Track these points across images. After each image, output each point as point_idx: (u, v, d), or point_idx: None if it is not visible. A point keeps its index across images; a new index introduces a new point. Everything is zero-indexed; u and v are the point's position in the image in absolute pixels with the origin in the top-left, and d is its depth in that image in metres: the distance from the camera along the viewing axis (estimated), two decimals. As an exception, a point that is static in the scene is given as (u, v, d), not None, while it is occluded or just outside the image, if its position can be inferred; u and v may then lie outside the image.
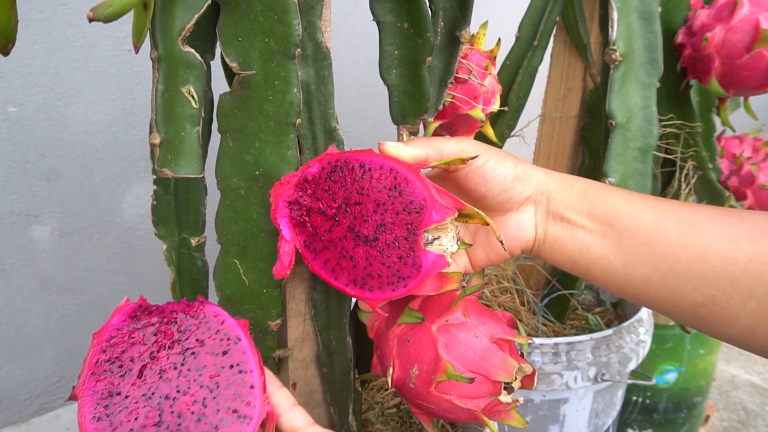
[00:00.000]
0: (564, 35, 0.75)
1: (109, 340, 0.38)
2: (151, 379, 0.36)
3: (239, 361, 0.37)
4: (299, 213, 0.42)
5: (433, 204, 0.37)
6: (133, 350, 0.37)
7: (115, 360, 0.37)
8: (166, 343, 0.37)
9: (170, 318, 0.38)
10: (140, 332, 0.38)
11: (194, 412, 0.35)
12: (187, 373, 0.36)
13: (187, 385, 0.36)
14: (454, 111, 0.54)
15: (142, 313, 0.39)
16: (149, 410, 0.35)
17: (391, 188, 0.39)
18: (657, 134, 0.59)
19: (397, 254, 0.38)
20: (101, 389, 0.36)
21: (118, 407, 0.35)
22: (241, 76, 0.42)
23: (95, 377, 0.36)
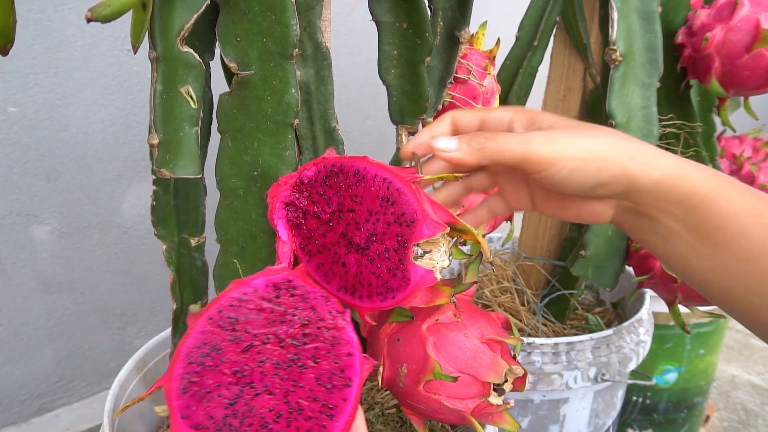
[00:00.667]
0: (564, 35, 0.74)
1: (242, 296, 0.35)
2: (251, 362, 0.34)
3: (335, 405, 0.33)
4: (295, 215, 0.42)
5: (424, 218, 0.37)
6: (254, 322, 0.35)
7: (235, 320, 0.35)
8: (284, 339, 0.34)
9: (303, 315, 0.35)
10: (270, 309, 0.35)
11: (264, 417, 0.33)
12: (284, 378, 0.34)
13: (276, 389, 0.34)
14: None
15: (286, 289, 0.36)
16: (230, 387, 0.33)
17: (384, 198, 0.38)
18: (657, 134, 0.59)
19: (387, 265, 0.38)
20: (209, 337, 0.34)
21: (212, 363, 0.34)
22: (240, 77, 0.42)
23: (211, 322, 0.34)
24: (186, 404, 0.34)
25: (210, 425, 0.33)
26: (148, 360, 0.61)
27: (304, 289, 0.35)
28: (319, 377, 0.33)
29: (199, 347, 0.34)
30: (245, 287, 0.35)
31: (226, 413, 0.33)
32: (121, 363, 0.60)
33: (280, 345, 0.34)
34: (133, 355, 0.60)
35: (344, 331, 0.34)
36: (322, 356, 0.34)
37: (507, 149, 0.37)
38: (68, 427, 0.92)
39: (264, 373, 0.34)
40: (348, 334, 0.34)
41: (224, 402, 0.33)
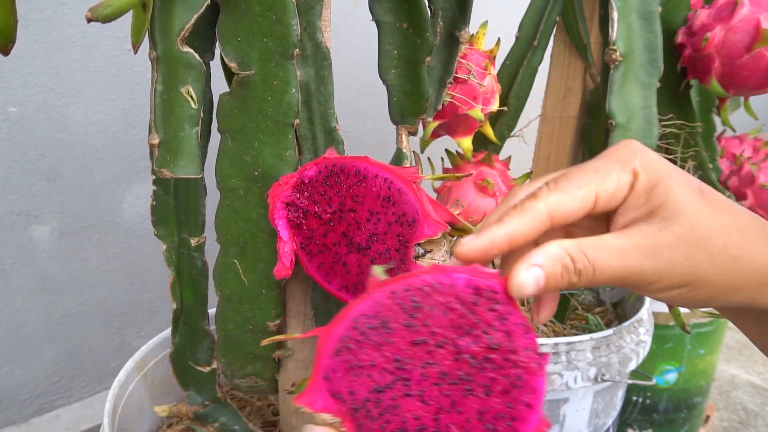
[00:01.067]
0: (564, 35, 0.74)
1: (436, 284, 0.30)
2: (416, 358, 0.30)
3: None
4: (296, 215, 0.42)
5: (425, 218, 0.37)
6: (437, 318, 0.30)
7: (418, 307, 0.30)
8: (462, 352, 0.30)
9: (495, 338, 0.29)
10: (461, 312, 0.30)
11: (406, 422, 0.30)
12: (444, 393, 0.30)
13: (431, 400, 0.30)
14: (453, 111, 0.54)
15: (487, 299, 0.30)
16: (384, 373, 0.30)
17: (385, 198, 0.38)
18: (657, 134, 0.59)
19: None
20: (384, 311, 0.30)
21: (376, 339, 0.30)
22: (240, 77, 0.42)
23: (392, 296, 0.30)
24: (333, 367, 0.31)
25: (347, 400, 0.30)
26: (148, 360, 0.61)
27: (506, 308, 0.30)
28: (483, 413, 0.29)
29: (370, 317, 0.30)
30: (443, 277, 0.30)
31: (368, 397, 0.30)
32: (121, 363, 0.60)
33: (455, 356, 0.30)
34: (133, 355, 0.60)
35: (535, 376, 0.29)
36: (496, 392, 0.29)
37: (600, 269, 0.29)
38: (68, 427, 0.92)
39: (425, 376, 0.30)
40: (538, 382, 0.29)
41: (371, 385, 0.30)
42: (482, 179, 0.58)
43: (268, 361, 0.53)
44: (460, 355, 0.29)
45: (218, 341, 0.52)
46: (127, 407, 0.57)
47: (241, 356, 0.52)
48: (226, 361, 0.53)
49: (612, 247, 0.29)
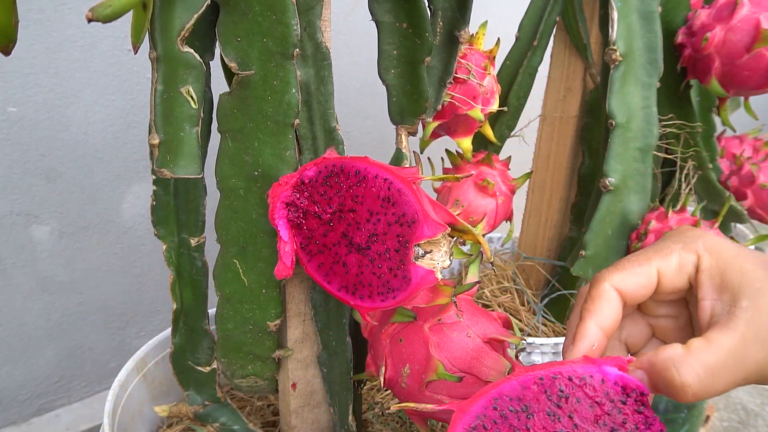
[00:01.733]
0: (564, 35, 0.74)
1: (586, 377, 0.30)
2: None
3: None
4: (296, 215, 0.42)
5: (425, 218, 0.37)
6: (581, 412, 0.30)
7: (564, 398, 0.30)
8: None
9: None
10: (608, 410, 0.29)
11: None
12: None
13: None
14: (452, 111, 0.54)
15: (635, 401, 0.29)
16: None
17: (385, 199, 0.38)
18: (657, 134, 0.59)
19: (388, 265, 0.38)
20: (528, 396, 0.30)
21: (516, 423, 0.30)
22: (240, 77, 0.42)
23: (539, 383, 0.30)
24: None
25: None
26: (148, 360, 0.61)
27: (650, 412, 0.29)
28: None
29: (512, 399, 0.30)
30: (593, 369, 0.30)
31: None
32: (121, 363, 0.60)
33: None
34: (133, 355, 0.60)
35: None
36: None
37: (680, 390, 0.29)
38: (68, 427, 0.92)
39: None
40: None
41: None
42: (482, 179, 0.58)
43: (268, 361, 0.53)
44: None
45: (218, 341, 0.52)
46: (127, 407, 0.57)
47: (241, 356, 0.52)
48: (226, 361, 0.53)
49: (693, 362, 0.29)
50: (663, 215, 0.58)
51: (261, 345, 0.51)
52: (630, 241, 0.61)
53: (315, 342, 0.54)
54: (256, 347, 0.51)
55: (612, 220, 0.59)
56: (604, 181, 0.57)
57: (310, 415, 0.57)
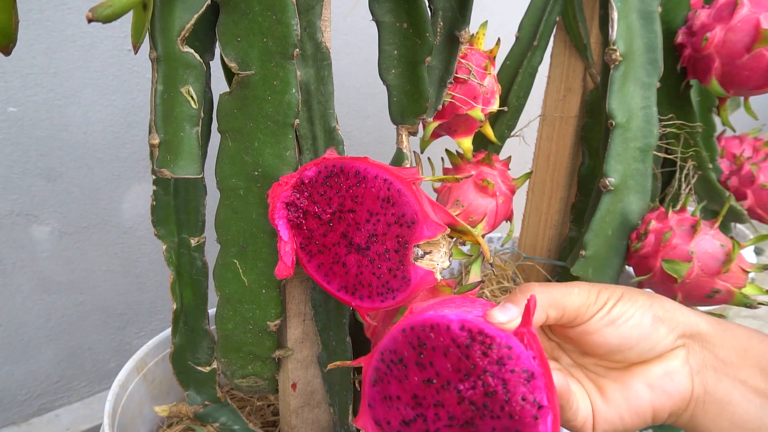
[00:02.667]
0: (564, 35, 0.74)
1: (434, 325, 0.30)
2: (428, 397, 0.31)
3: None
4: (296, 215, 0.42)
5: (425, 219, 0.37)
6: (438, 360, 0.30)
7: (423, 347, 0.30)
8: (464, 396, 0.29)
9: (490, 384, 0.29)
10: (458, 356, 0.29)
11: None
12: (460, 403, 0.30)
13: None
14: (453, 111, 0.54)
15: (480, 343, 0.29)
16: (407, 408, 0.31)
17: (384, 199, 0.39)
18: (657, 134, 0.59)
19: (388, 266, 0.38)
20: (399, 347, 0.31)
21: (397, 374, 0.31)
22: (240, 76, 0.42)
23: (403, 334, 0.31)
24: (373, 396, 0.33)
25: (386, 429, 0.32)
26: (148, 360, 0.61)
27: (503, 352, 0.28)
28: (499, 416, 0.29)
29: (391, 351, 0.32)
30: (440, 317, 0.30)
31: (399, 428, 0.32)
32: (121, 363, 0.59)
33: (458, 399, 0.30)
34: (133, 355, 0.60)
35: (533, 430, 0.27)
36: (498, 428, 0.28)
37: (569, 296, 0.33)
38: (68, 427, 0.92)
39: (438, 416, 0.30)
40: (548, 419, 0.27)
41: (400, 417, 0.31)
42: (482, 179, 0.58)
43: (268, 361, 0.53)
44: (462, 398, 0.29)
45: (218, 341, 0.52)
46: (127, 407, 0.57)
47: (241, 356, 0.52)
48: (226, 361, 0.53)
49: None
50: (663, 215, 0.58)
51: (261, 345, 0.51)
52: (630, 241, 0.61)
53: (315, 342, 0.54)
54: (256, 347, 0.51)
55: (612, 220, 0.59)
56: (604, 181, 0.57)
57: (310, 415, 0.57)
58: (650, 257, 0.57)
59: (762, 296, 0.53)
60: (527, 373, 0.28)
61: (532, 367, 0.28)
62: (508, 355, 0.28)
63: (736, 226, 1.07)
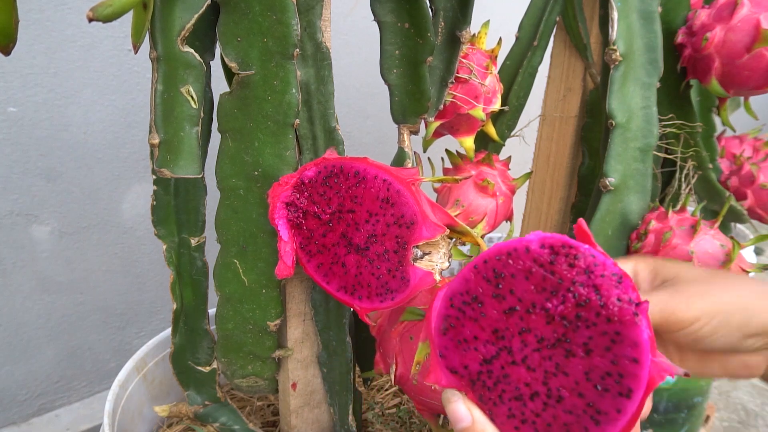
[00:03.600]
0: (564, 35, 0.74)
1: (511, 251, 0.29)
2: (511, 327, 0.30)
3: (605, 411, 0.28)
4: (296, 215, 0.42)
5: (424, 220, 0.37)
6: (519, 285, 0.29)
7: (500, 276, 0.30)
8: (553, 314, 0.29)
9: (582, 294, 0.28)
10: (541, 275, 0.29)
11: (519, 389, 0.30)
12: (546, 357, 0.29)
13: (536, 366, 0.29)
14: (454, 110, 0.54)
15: (565, 256, 0.29)
16: (487, 345, 0.30)
17: (384, 200, 0.38)
18: (657, 134, 0.59)
19: (387, 266, 0.38)
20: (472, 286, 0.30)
21: (472, 314, 0.31)
22: (240, 76, 0.42)
23: (475, 271, 0.30)
24: (445, 344, 0.32)
25: (464, 374, 0.31)
26: (148, 360, 0.61)
27: (588, 260, 0.28)
28: (589, 372, 0.28)
29: (462, 294, 0.31)
30: (516, 243, 0.29)
31: (480, 369, 0.31)
32: (121, 363, 0.59)
33: (547, 319, 0.29)
34: (133, 355, 0.60)
35: (634, 328, 0.27)
36: (596, 350, 0.28)
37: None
38: (68, 427, 0.92)
39: (525, 343, 0.29)
40: (638, 334, 0.27)
41: (480, 357, 0.31)
42: (482, 179, 0.58)
43: (268, 361, 0.53)
44: (551, 317, 0.29)
45: (218, 341, 0.52)
46: (127, 407, 0.57)
47: (241, 356, 0.52)
48: (226, 361, 0.53)
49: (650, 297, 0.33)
50: (663, 215, 0.58)
51: (261, 345, 0.51)
52: (630, 241, 0.61)
53: (315, 342, 0.54)
54: (256, 347, 0.51)
55: (612, 220, 0.59)
56: (604, 181, 0.57)
57: (310, 415, 0.57)
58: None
59: (762, 296, 0.53)
60: (616, 276, 0.28)
61: (619, 271, 0.28)
62: (593, 263, 0.28)
63: (736, 226, 1.07)
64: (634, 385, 0.27)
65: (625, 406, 0.27)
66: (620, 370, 0.27)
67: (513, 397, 0.30)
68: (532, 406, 0.29)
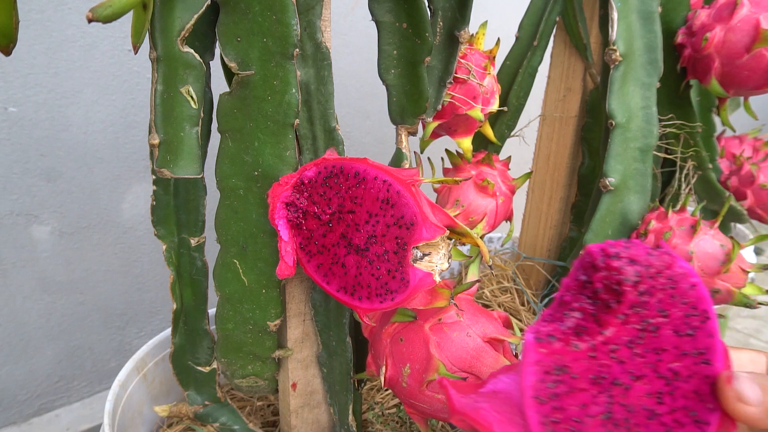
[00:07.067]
0: (564, 35, 0.74)
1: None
2: (602, 358, 0.29)
3: (705, 347, 0.28)
4: (296, 215, 0.42)
5: (424, 221, 0.37)
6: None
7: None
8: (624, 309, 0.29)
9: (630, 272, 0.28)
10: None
11: (646, 407, 0.28)
12: (644, 353, 0.29)
13: (643, 371, 0.29)
14: (453, 111, 0.54)
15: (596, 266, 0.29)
16: (597, 398, 0.28)
17: (384, 200, 0.38)
18: (657, 134, 0.59)
19: (386, 267, 0.38)
20: (546, 361, 0.29)
21: (565, 388, 0.28)
22: (240, 76, 0.42)
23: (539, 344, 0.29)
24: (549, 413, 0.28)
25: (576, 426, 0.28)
26: (148, 360, 0.61)
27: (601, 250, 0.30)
28: (677, 329, 0.28)
29: (543, 380, 0.28)
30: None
31: (606, 429, 0.28)
32: (121, 363, 0.60)
33: (621, 321, 0.29)
34: (133, 355, 0.60)
35: (675, 264, 0.28)
36: (667, 305, 0.28)
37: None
38: (68, 427, 0.92)
39: (622, 361, 0.29)
40: (681, 265, 0.28)
41: (599, 419, 0.28)
42: (482, 179, 0.58)
43: (268, 361, 0.53)
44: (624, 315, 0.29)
45: (218, 341, 0.52)
46: (127, 407, 0.57)
47: (241, 356, 0.52)
48: (226, 361, 0.53)
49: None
50: (663, 215, 0.58)
51: (261, 345, 0.51)
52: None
53: (315, 342, 0.54)
54: (256, 347, 0.51)
55: (612, 220, 0.59)
56: (604, 181, 0.57)
57: (310, 415, 0.57)
58: (650, 257, 0.57)
59: (762, 296, 0.53)
60: (626, 242, 0.29)
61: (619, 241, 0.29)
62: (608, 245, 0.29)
63: (736, 226, 1.07)
64: (706, 305, 0.28)
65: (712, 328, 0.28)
66: (691, 303, 0.28)
67: (646, 418, 0.28)
68: (664, 409, 0.28)
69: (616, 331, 0.29)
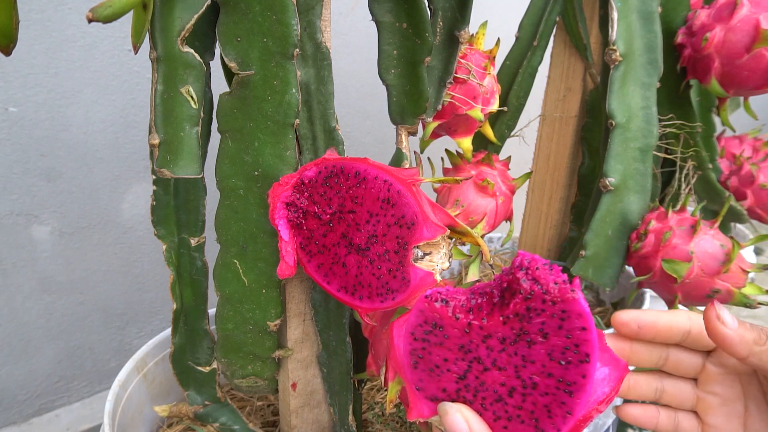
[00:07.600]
0: (564, 35, 0.74)
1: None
2: (474, 337, 0.32)
3: (573, 381, 0.30)
4: (296, 215, 0.43)
5: (425, 220, 0.37)
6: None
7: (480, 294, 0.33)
8: (507, 314, 0.32)
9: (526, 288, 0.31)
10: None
11: (497, 391, 0.32)
12: (512, 354, 0.32)
13: (505, 364, 0.32)
14: (452, 111, 0.54)
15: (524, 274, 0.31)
16: (458, 362, 0.33)
17: (384, 200, 0.39)
18: (657, 134, 0.59)
19: (387, 266, 0.38)
20: (428, 315, 0.33)
21: (436, 340, 0.33)
22: (240, 76, 0.42)
23: (428, 299, 0.33)
24: (419, 377, 0.34)
25: (444, 397, 0.34)
26: (148, 360, 0.61)
27: (522, 258, 0.31)
28: (551, 352, 0.31)
29: (422, 325, 0.33)
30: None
31: (458, 387, 0.33)
32: (121, 363, 0.60)
33: (503, 320, 0.32)
34: (133, 355, 0.60)
35: (575, 303, 0.30)
36: (551, 331, 0.31)
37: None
38: (68, 427, 0.92)
39: (490, 348, 0.32)
40: (580, 306, 0.30)
41: (454, 376, 0.33)
42: (482, 179, 0.58)
43: (268, 361, 0.53)
44: (506, 318, 0.31)
45: (218, 341, 0.52)
46: (127, 407, 0.57)
47: (241, 356, 0.52)
48: (226, 361, 0.53)
49: None
50: (663, 215, 0.58)
51: (261, 345, 0.51)
52: (630, 241, 0.61)
53: (315, 342, 0.54)
54: (256, 347, 0.51)
55: (612, 220, 0.59)
56: (604, 181, 0.57)
57: (310, 415, 0.57)
58: (650, 257, 0.57)
59: (762, 296, 0.53)
60: (546, 265, 0.31)
61: (546, 260, 0.31)
62: (526, 259, 0.31)
63: (736, 226, 1.07)
64: (589, 349, 0.30)
65: (587, 371, 0.30)
66: (575, 340, 0.30)
67: (494, 400, 0.32)
68: (512, 401, 0.32)
69: (494, 324, 0.32)
